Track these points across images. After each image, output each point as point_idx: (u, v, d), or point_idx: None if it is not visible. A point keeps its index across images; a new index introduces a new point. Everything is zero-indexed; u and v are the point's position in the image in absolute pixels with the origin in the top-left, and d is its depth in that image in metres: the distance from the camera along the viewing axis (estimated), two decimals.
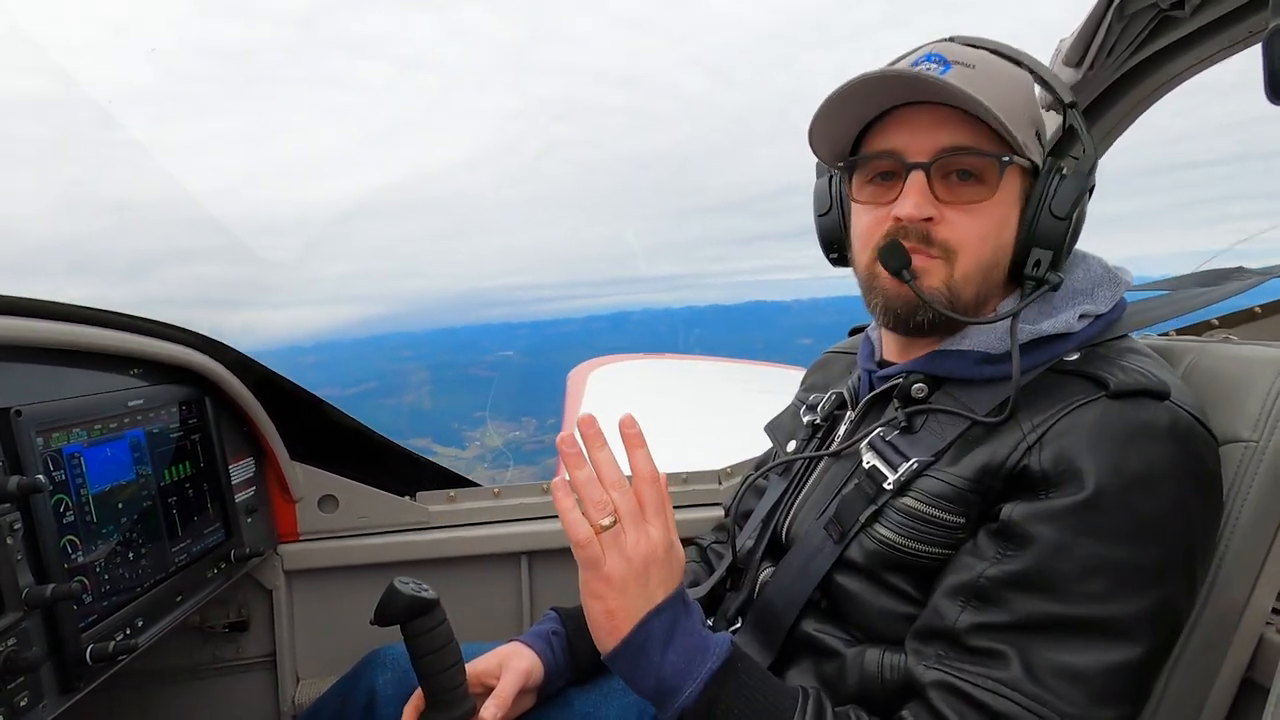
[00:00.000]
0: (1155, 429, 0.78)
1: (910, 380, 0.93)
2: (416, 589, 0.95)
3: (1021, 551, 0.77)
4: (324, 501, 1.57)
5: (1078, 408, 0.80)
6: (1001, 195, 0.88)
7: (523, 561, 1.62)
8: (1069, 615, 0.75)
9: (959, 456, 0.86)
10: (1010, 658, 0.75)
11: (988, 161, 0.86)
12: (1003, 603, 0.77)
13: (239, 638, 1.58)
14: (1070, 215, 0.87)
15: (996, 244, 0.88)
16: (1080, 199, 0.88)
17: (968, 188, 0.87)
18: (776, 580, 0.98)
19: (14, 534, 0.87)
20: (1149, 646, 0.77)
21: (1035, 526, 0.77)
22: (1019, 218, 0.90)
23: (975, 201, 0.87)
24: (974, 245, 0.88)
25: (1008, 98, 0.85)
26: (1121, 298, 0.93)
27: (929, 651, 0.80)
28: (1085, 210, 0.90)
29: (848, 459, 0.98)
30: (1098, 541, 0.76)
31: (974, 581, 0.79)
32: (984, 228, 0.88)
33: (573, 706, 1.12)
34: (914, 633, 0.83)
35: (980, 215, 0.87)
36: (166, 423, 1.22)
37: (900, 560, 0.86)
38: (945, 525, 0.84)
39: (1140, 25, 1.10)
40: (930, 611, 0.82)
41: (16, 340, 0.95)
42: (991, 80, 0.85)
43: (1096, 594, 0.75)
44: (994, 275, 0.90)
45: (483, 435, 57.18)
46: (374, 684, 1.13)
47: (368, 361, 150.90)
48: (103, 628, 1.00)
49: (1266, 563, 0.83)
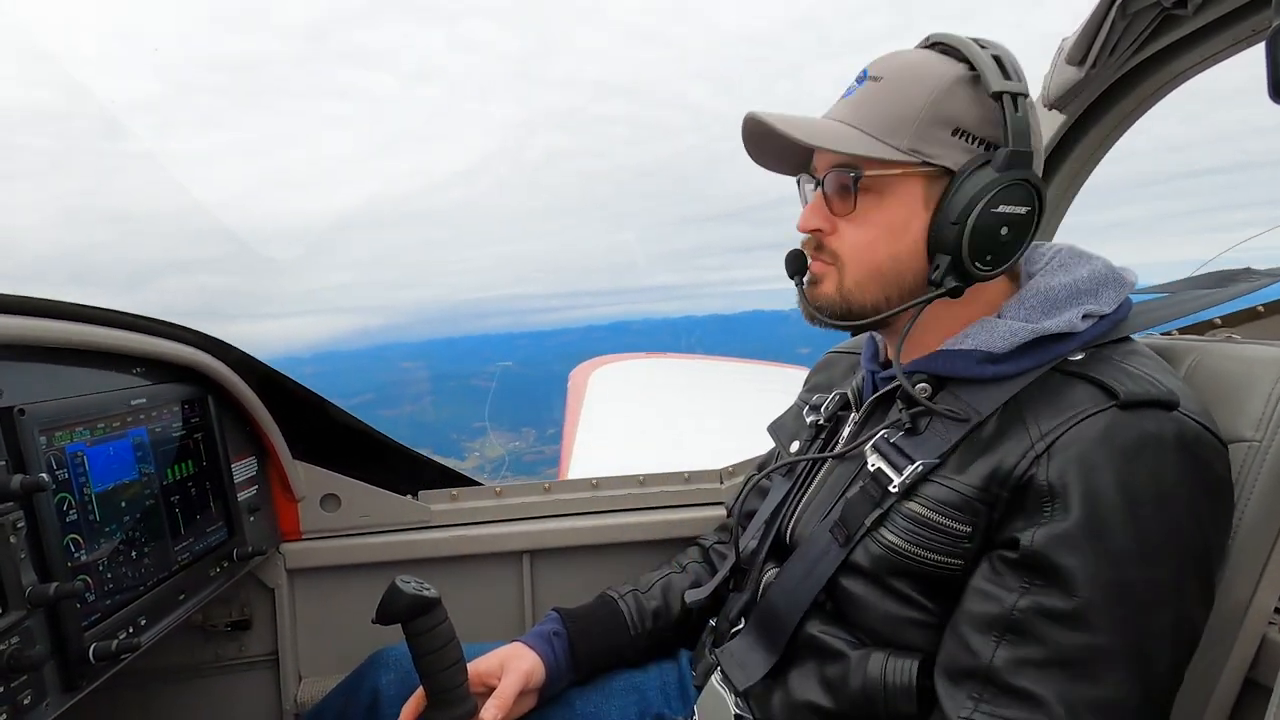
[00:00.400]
0: (1164, 441, 0.78)
1: (913, 380, 0.93)
2: (418, 588, 0.95)
3: (1052, 584, 0.77)
4: (326, 500, 1.57)
5: (1087, 418, 0.79)
6: (892, 202, 0.89)
7: (524, 561, 1.62)
8: (1100, 645, 0.75)
9: (966, 463, 0.85)
10: (1049, 702, 0.75)
11: (847, 176, 0.89)
12: (1037, 636, 0.77)
13: (241, 636, 1.58)
14: (964, 218, 0.84)
15: (891, 250, 0.90)
16: (977, 200, 0.84)
17: (852, 200, 0.90)
18: (781, 582, 0.97)
19: (17, 533, 0.87)
20: (1173, 662, 0.78)
21: (1060, 557, 0.76)
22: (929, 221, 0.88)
23: (859, 212, 0.90)
24: (859, 253, 0.91)
25: (899, 105, 0.87)
26: (1126, 298, 0.92)
27: (962, 695, 0.79)
28: (1007, 210, 0.84)
29: (852, 461, 0.98)
30: (1118, 567, 0.76)
31: (1006, 615, 0.78)
32: (868, 236, 0.90)
33: (574, 707, 1.12)
34: (945, 671, 0.82)
35: (865, 224, 0.90)
36: (169, 422, 1.22)
37: (906, 566, 0.86)
38: (952, 534, 0.84)
39: (1143, 24, 1.10)
40: (959, 648, 0.81)
41: (19, 339, 0.95)
42: (887, 92, 0.88)
43: (1124, 619, 0.75)
44: (900, 279, 0.91)
45: (482, 446, 57.36)
46: (377, 684, 1.13)
47: (366, 373, 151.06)
48: (105, 626, 1.00)
49: (1269, 563, 0.83)
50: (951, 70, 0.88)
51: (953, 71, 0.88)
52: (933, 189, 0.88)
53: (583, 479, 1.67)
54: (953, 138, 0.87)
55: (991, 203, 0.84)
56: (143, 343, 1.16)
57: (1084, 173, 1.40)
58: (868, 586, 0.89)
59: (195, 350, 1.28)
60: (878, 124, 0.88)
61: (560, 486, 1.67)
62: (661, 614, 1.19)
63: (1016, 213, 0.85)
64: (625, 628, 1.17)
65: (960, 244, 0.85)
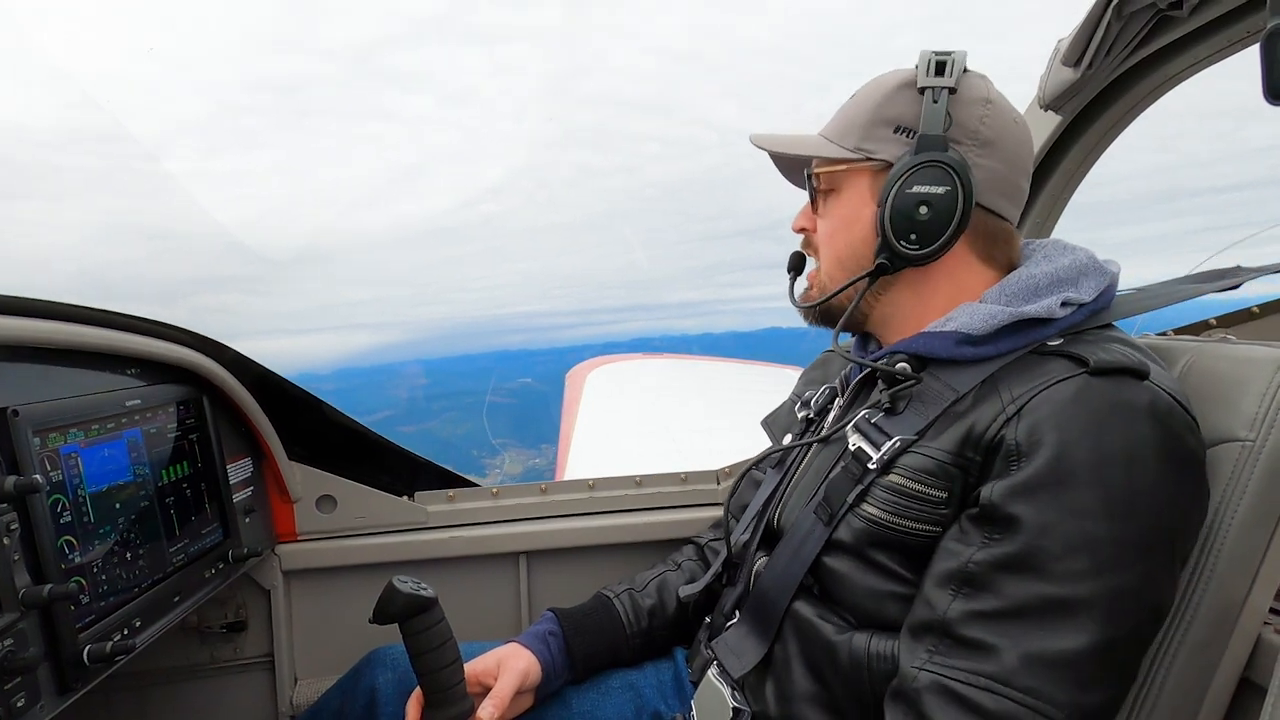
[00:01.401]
0: (1134, 407, 0.78)
1: (894, 361, 0.95)
2: (415, 587, 0.95)
3: (1007, 534, 0.78)
4: (322, 501, 1.57)
5: (1057, 383, 0.80)
6: (845, 197, 0.98)
7: (521, 561, 1.62)
8: (1056, 596, 0.75)
9: (941, 431, 0.87)
10: (1002, 650, 0.75)
11: (814, 174, 1.00)
12: (992, 587, 0.77)
13: (237, 638, 1.57)
14: (884, 201, 0.91)
15: (848, 239, 0.99)
16: (892, 185, 0.90)
17: (824, 197, 1.01)
18: (770, 569, 0.98)
19: (11, 534, 0.87)
20: (1133, 624, 0.77)
21: (1016, 507, 0.77)
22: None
23: (824, 209, 1.02)
24: (826, 245, 1.02)
25: (853, 112, 0.97)
26: (1109, 289, 0.93)
27: (920, 648, 0.80)
28: (920, 191, 0.89)
29: (835, 444, 1.00)
30: (1079, 519, 0.76)
31: (963, 568, 0.79)
32: (830, 227, 1.01)
33: (571, 706, 1.12)
34: (907, 627, 0.83)
35: (828, 218, 1.01)
36: (164, 423, 1.21)
37: (887, 537, 0.87)
38: (930, 500, 0.85)
39: (1138, 25, 1.10)
40: (922, 603, 0.83)
41: (13, 340, 0.95)
42: (851, 102, 0.99)
43: (1081, 572, 0.75)
44: (859, 266, 0.97)
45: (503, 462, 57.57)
46: (374, 683, 1.13)
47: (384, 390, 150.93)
48: (100, 628, 1.00)
49: (1264, 562, 0.83)
50: (901, 76, 0.95)
51: (901, 77, 0.95)
52: (878, 182, 0.95)
53: (579, 480, 1.67)
54: (894, 135, 0.94)
55: (905, 184, 0.90)
56: (137, 343, 1.16)
57: (1079, 173, 1.40)
58: (850, 562, 0.89)
59: (190, 351, 1.27)
60: (834, 130, 0.99)
61: (557, 488, 1.67)
62: (657, 612, 1.20)
63: (933, 192, 0.89)
64: (621, 626, 1.18)
65: (885, 225, 0.92)
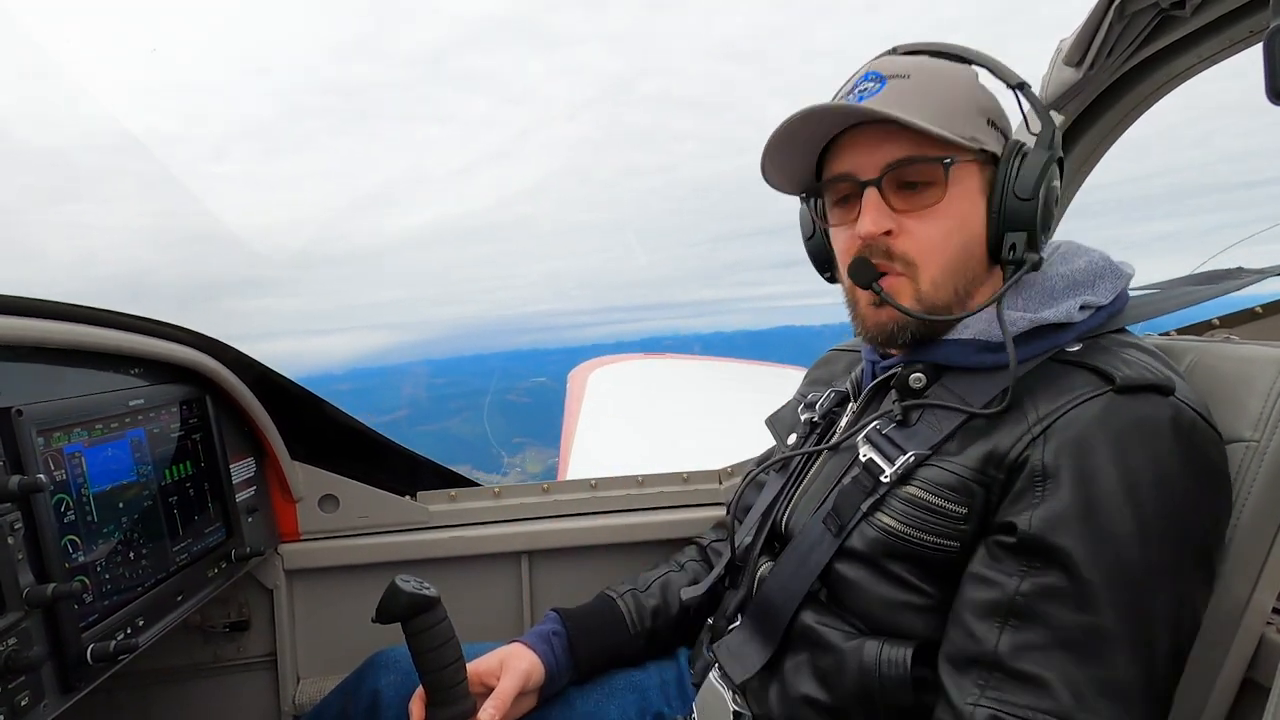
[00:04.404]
0: (1160, 425, 0.79)
1: (908, 370, 0.94)
2: (418, 587, 0.95)
3: (1049, 565, 0.77)
4: (324, 501, 1.57)
5: (1084, 402, 0.80)
6: (956, 192, 0.89)
7: (523, 561, 1.62)
8: (1102, 626, 0.75)
9: (962, 446, 0.86)
10: (1055, 684, 0.75)
11: (932, 166, 0.88)
12: (1040, 620, 0.77)
13: (239, 637, 1.58)
14: (1036, 193, 0.88)
15: (962, 240, 0.90)
16: (1043, 175, 0.88)
17: (920, 194, 0.89)
18: (775, 575, 0.98)
19: (15, 533, 0.87)
20: (1173, 645, 0.78)
21: (1057, 537, 0.77)
22: (986, 207, 0.91)
23: (929, 206, 0.89)
24: (935, 250, 0.90)
25: (945, 97, 0.89)
26: (1123, 291, 0.93)
27: (968, 682, 0.79)
28: (1057, 185, 0.90)
29: (846, 452, 0.99)
30: (1117, 547, 0.76)
31: (1009, 600, 0.78)
32: (942, 229, 0.89)
33: (574, 706, 1.12)
34: (948, 660, 0.82)
35: (937, 218, 0.89)
36: (167, 422, 1.21)
37: (903, 549, 0.86)
38: (949, 515, 0.84)
39: (1141, 25, 1.10)
40: (962, 636, 0.81)
41: (17, 340, 0.95)
42: (926, 86, 0.88)
43: (1124, 600, 0.75)
44: (969, 269, 0.91)
45: (522, 461, 57.74)
46: (377, 685, 1.13)
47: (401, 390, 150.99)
48: (103, 627, 1.00)
49: (1268, 562, 0.83)
50: (967, 68, 0.93)
51: (969, 68, 0.93)
52: (984, 175, 0.91)
53: (581, 480, 1.67)
54: (989, 127, 0.91)
55: (1052, 176, 0.89)
56: (141, 343, 1.16)
57: (1081, 174, 1.40)
58: (864, 571, 0.89)
59: (193, 350, 1.28)
60: (934, 115, 0.85)
61: (559, 487, 1.67)
62: (660, 612, 1.20)
63: (1058, 187, 0.91)
64: (624, 626, 1.17)
65: (1035, 219, 0.88)
